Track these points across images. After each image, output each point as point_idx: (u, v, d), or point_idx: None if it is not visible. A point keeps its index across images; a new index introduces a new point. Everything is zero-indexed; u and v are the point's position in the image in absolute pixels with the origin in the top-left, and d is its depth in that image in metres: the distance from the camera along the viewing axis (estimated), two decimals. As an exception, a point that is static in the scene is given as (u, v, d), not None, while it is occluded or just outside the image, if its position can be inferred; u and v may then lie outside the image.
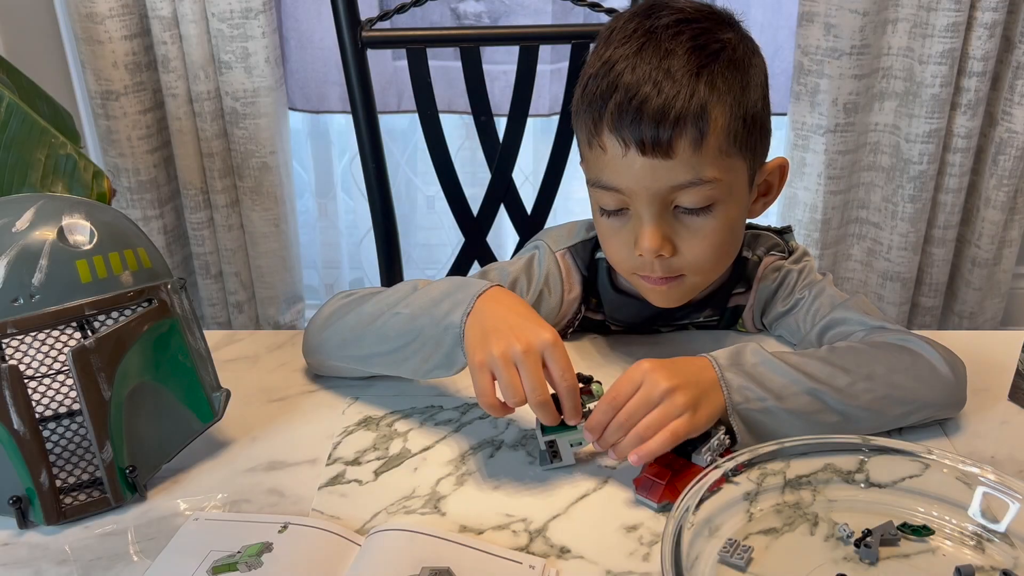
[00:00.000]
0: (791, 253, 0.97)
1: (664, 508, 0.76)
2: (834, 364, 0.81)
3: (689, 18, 0.82)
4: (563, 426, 0.78)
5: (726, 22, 0.84)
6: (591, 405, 0.77)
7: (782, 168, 0.91)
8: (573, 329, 1.01)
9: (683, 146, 0.79)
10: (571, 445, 0.79)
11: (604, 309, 1.00)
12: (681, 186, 0.81)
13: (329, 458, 0.83)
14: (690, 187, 0.81)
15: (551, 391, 0.76)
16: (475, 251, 1.39)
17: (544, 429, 0.78)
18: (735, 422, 0.77)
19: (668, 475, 0.75)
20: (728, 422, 0.78)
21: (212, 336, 0.95)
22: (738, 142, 0.82)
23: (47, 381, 0.76)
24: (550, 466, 0.80)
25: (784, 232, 0.99)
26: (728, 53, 0.81)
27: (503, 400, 0.76)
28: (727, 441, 0.77)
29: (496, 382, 0.76)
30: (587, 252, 0.98)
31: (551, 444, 0.79)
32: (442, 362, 0.82)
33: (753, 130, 0.84)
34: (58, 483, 0.74)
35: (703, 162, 0.80)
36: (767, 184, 0.91)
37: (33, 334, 0.74)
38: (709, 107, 0.79)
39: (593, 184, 0.86)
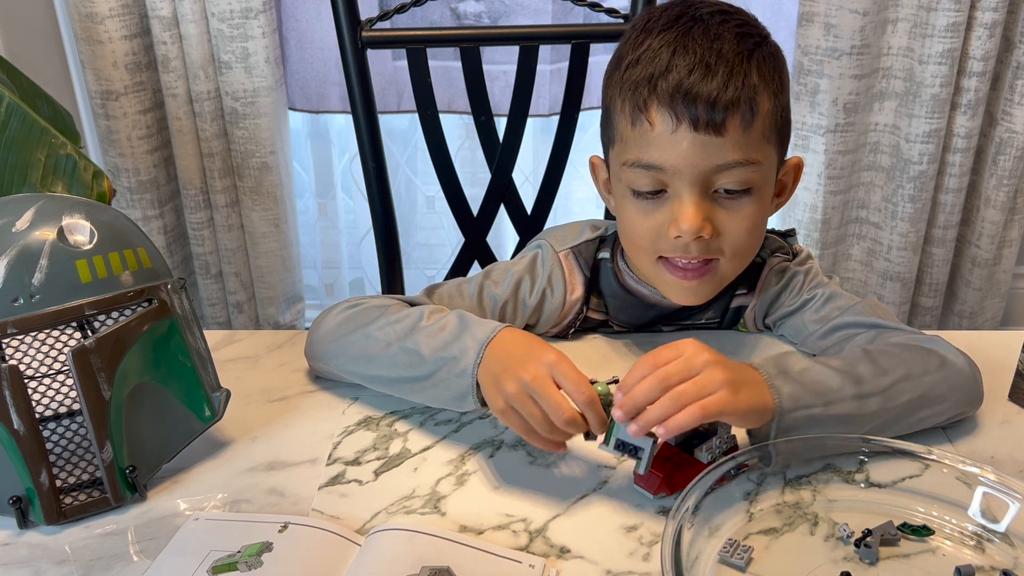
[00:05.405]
0: (795, 256, 0.98)
1: (660, 500, 0.76)
2: (876, 363, 0.81)
3: (729, 11, 0.85)
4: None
5: (757, 22, 0.87)
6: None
7: (797, 168, 0.93)
8: (575, 329, 1.01)
9: (734, 125, 0.81)
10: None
11: (607, 309, 1.00)
12: (727, 166, 0.82)
13: (329, 458, 0.83)
14: (735, 167, 0.82)
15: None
16: (475, 251, 1.39)
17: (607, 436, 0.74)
18: (773, 429, 0.76)
19: (668, 468, 0.75)
20: (761, 432, 0.77)
21: (212, 336, 0.95)
22: (776, 131, 0.84)
23: (47, 381, 0.76)
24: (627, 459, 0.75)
25: (788, 235, 1.00)
26: (767, 47, 0.84)
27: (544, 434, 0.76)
28: (732, 440, 0.77)
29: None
30: (590, 252, 0.98)
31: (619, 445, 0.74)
32: (451, 402, 0.84)
33: (785, 123, 0.86)
34: (58, 483, 0.74)
35: (750, 143, 0.82)
36: (781, 184, 0.92)
37: (33, 334, 0.74)
38: (758, 90, 0.81)
39: (633, 164, 0.84)
